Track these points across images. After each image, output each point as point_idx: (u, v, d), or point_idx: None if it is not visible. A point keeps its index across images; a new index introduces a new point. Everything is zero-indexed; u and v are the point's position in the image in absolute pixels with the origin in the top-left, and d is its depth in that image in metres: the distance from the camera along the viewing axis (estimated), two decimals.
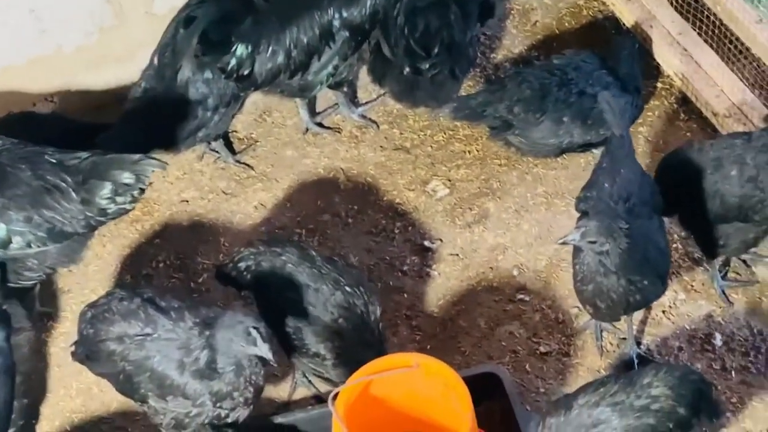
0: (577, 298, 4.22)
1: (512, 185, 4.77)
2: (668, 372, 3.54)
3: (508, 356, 4.20)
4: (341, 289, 3.81)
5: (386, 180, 4.83)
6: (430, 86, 4.81)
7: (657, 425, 3.44)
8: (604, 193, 3.89)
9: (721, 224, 4.05)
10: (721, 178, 3.98)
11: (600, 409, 3.44)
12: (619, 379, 3.53)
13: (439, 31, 4.66)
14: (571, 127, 4.62)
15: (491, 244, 4.58)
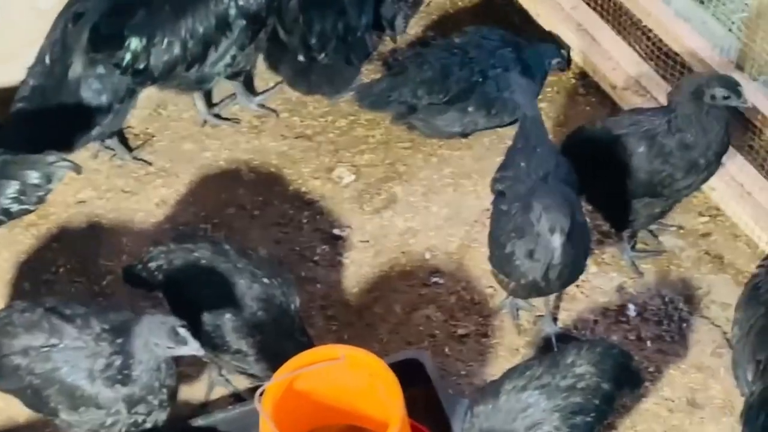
0: (491, 277, 4.24)
1: (418, 168, 4.74)
2: (590, 349, 3.57)
3: (426, 341, 4.17)
4: (258, 282, 3.72)
5: (290, 169, 4.74)
6: (325, 73, 4.75)
7: (584, 403, 3.46)
8: (521, 173, 3.87)
9: (629, 200, 4.07)
10: (628, 155, 3.99)
11: (528, 393, 3.44)
12: (543, 361, 3.55)
13: (334, 20, 4.60)
14: (476, 116, 4.61)
15: (401, 229, 4.53)
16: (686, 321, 4.17)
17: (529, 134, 4.01)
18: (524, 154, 3.94)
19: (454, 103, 4.56)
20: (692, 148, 3.89)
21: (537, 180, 3.78)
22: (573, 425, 3.44)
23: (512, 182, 3.89)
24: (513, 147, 4.08)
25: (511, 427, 3.42)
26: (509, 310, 4.24)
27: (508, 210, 3.78)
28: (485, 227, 4.43)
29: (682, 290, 4.27)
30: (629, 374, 3.70)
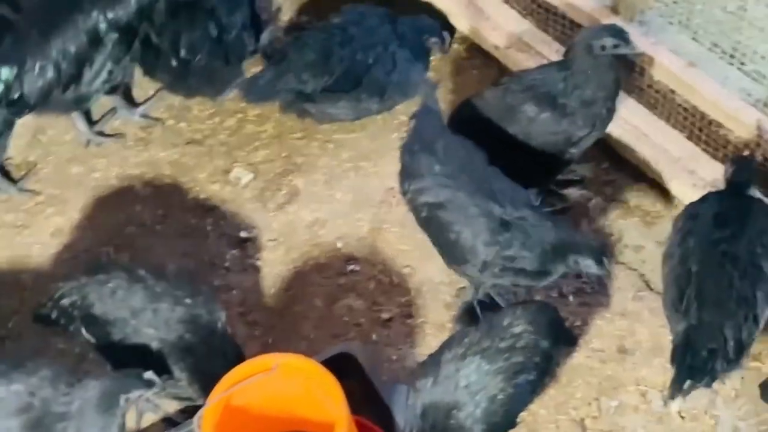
0: (407, 257, 4.23)
1: (316, 157, 4.65)
2: (524, 309, 3.60)
3: (352, 331, 4.11)
4: (181, 304, 3.60)
5: (185, 177, 4.61)
6: (203, 75, 4.63)
7: (525, 361, 3.48)
8: (442, 177, 3.80)
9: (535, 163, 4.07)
10: (530, 122, 3.98)
11: (468, 359, 3.44)
12: (480, 326, 3.55)
13: (204, 22, 4.48)
14: (369, 103, 4.56)
15: (309, 221, 4.45)
16: None
17: (422, 130, 3.94)
18: (429, 154, 3.85)
19: (341, 86, 4.48)
20: (593, 103, 3.91)
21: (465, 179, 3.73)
22: (516, 385, 3.46)
23: (438, 190, 3.80)
24: (410, 151, 3.95)
25: (455, 396, 3.42)
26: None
27: (457, 231, 3.74)
28: (392, 207, 4.45)
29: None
30: (564, 331, 3.75)
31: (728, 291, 3.56)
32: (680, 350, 3.55)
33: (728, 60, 4.54)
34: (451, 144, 3.85)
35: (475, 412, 3.41)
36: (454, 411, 3.41)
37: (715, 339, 3.49)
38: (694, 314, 3.54)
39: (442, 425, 3.42)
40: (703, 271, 3.61)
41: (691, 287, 3.58)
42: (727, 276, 3.59)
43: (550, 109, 3.95)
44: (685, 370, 3.52)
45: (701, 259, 3.63)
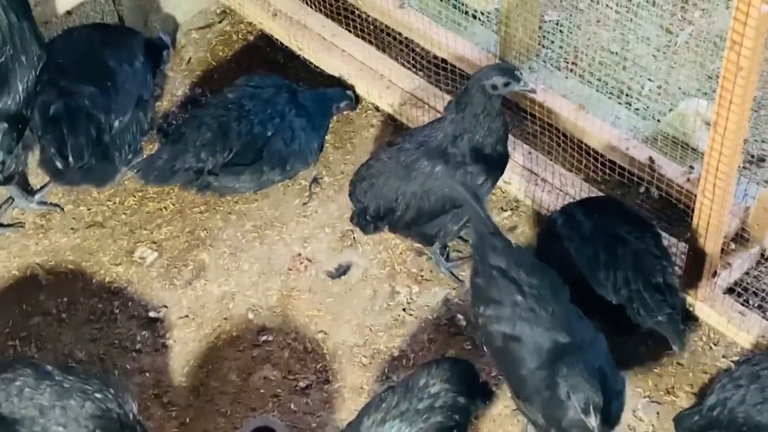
0: (319, 322, 4.22)
1: (219, 229, 4.62)
2: (439, 367, 3.60)
3: (270, 402, 4.07)
4: (90, 399, 3.52)
5: (89, 261, 4.54)
6: (82, 173, 4.52)
7: (444, 421, 3.50)
8: (522, 307, 3.56)
9: (436, 217, 4.10)
10: (426, 177, 4.01)
11: (388, 424, 3.45)
12: (397, 389, 3.55)
13: (86, 127, 4.40)
14: (272, 174, 4.56)
15: (218, 295, 4.41)
16: None
17: (494, 244, 3.71)
18: (510, 281, 3.60)
19: (242, 160, 4.47)
20: (484, 147, 3.95)
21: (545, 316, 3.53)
22: None
23: (515, 322, 3.55)
24: (485, 273, 3.69)
25: None
26: (445, 272, 4.36)
27: (531, 368, 3.48)
28: (300, 273, 4.44)
29: None
30: (480, 386, 3.76)
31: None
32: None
33: (616, 100, 4.66)
34: (533, 271, 3.64)
35: None
36: None
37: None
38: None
39: None
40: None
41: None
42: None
43: (442, 162, 3.99)
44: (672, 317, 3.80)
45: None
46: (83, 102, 4.39)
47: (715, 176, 3.61)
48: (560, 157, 4.56)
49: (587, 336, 3.50)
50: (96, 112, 4.41)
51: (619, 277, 3.82)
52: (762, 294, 4.17)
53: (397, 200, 4.09)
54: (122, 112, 4.51)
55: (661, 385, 4.00)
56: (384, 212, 4.16)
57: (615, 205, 4.22)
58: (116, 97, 4.48)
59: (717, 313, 4.08)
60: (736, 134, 3.45)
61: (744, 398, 3.43)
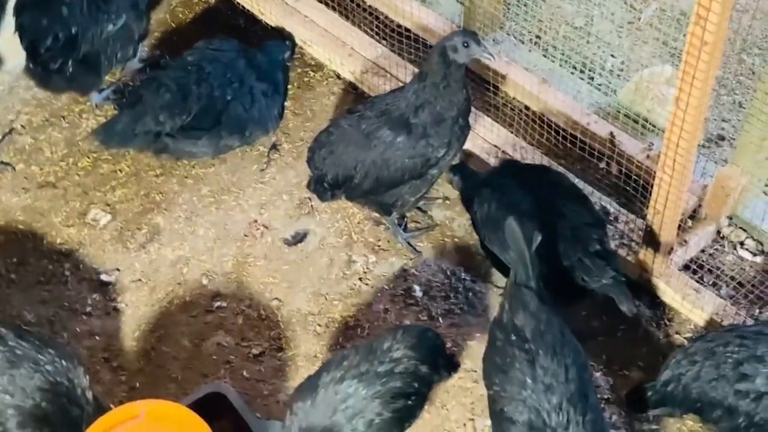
0: (274, 289, 4.18)
1: (175, 193, 4.55)
2: (406, 333, 3.57)
3: (222, 369, 4.02)
4: (41, 371, 3.42)
5: (40, 222, 4.45)
6: (66, 76, 4.55)
7: (403, 387, 3.47)
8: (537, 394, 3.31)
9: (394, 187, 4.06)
10: (387, 147, 3.96)
11: (346, 383, 3.41)
12: (360, 349, 3.51)
13: (48, 28, 4.40)
14: (230, 140, 4.51)
15: (171, 259, 4.35)
16: (471, 290, 4.22)
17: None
18: (525, 354, 3.35)
19: (200, 124, 4.40)
20: (445, 119, 3.91)
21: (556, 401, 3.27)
22: (395, 410, 3.44)
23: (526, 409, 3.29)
24: (503, 339, 3.46)
25: (332, 420, 3.38)
26: (402, 243, 4.32)
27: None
28: (257, 240, 4.39)
29: (461, 260, 4.32)
30: (445, 357, 3.74)
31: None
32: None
33: (579, 75, 4.65)
34: (555, 352, 3.35)
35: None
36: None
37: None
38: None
39: None
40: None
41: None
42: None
43: (405, 132, 3.95)
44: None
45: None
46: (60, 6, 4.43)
47: (675, 152, 3.60)
48: (522, 131, 4.53)
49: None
50: (72, 17, 4.43)
51: (561, 248, 3.82)
52: (717, 272, 4.18)
53: (356, 168, 4.04)
54: (117, 17, 4.49)
55: (615, 359, 4.00)
56: (342, 180, 4.11)
57: (549, 174, 4.20)
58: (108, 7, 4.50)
59: (672, 289, 4.09)
60: (698, 110, 3.44)
61: (699, 374, 3.43)
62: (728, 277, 4.17)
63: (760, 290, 4.12)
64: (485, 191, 4.03)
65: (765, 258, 4.24)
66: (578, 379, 3.27)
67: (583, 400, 3.23)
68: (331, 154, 4.11)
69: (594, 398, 3.32)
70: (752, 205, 4.24)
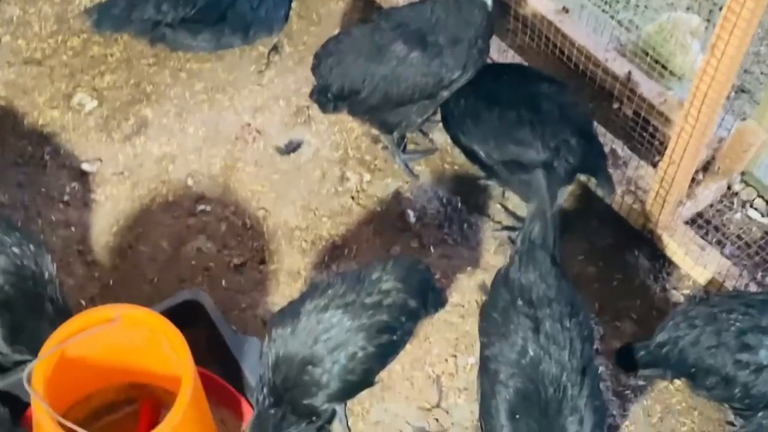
0: (261, 198, 3.99)
1: (167, 86, 4.32)
2: (396, 264, 3.39)
3: (200, 275, 3.85)
4: (6, 252, 3.24)
5: (22, 100, 4.22)
6: None
7: (390, 321, 3.30)
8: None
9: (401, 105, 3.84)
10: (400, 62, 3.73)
11: (330, 312, 3.24)
12: (346, 278, 3.34)
13: None
14: (232, 38, 4.28)
15: (157, 155, 4.14)
16: (467, 221, 4.04)
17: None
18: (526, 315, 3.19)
19: (203, 18, 4.15)
20: (461, 40, 3.68)
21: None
22: (379, 344, 3.28)
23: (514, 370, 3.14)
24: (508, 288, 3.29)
25: (312, 350, 3.22)
26: (400, 164, 4.16)
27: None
28: (248, 144, 4.20)
29: (459, 189, 4.13)
30: (434, 291, 3.55)
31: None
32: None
33: (602, 7, 4.43)
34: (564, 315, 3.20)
35: (332, 368, 3.22)
36: (309, 366, 3.21)
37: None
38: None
39: (295, 380, 3.22)
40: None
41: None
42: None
43: (420, 48, 3.72)
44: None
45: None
46: None
47: (702, 102, 3.40)
48: (534, 59, 4.33)
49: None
50: None
51: (547, 132, 3.69)
52: (722, 229, 4.04)
53: (364, 82, 3.82)
54: None
55: (608, 308, 3.86)
56: (348, 92, 3.88)
57: (526, 70, 4.08)
58: None
59: (675, 243, 3.93)
60: (734, 60, 3.25)
61: (698, 339, 3.29)
62: (734, 236, 4.02)
63: (765, 252, 3.98)
64: (461, 87, 3.83)
65: None
66: (581, 355, 3.12)
67: (582, 376, 3.08)
68: (339, 63, 3.88)
69: (594, 375, 3.16)
70: (767, 164, 4.08)
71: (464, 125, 3.85)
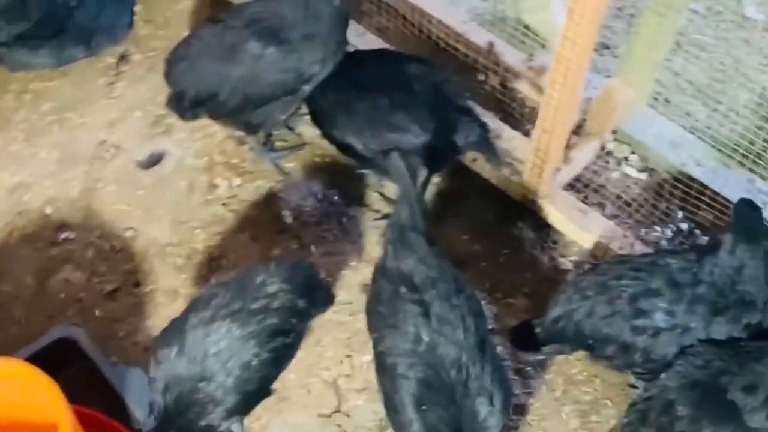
0: (127, 218, 3.80)
1: (11, 110, 4.07)
2: (279, 266, 3.26)
3: (71, 308, 3.63)
4: None
5: None
6: None
7: (280, 323, 3.17)
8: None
9: (261, 104, 3.68)
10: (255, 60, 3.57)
11: (217, 323, 3.08)
12: (229, 286, 3.18)
13: None
14: (74, 51, 4.05)
15: (10, 186, 3.90)
16: (345, 214, 3.91)
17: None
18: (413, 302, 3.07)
19: (41, 32, 3.91)
20: (316, 35, 3.54)
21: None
22: (273, 349, 3.15)
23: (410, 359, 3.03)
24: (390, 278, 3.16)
25: (203, 366, 3.06)
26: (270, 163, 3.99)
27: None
28: (106, 162, 4.00)
29: (333, 182, 3.99)
30: (321, 289, 3.44)
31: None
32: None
33: None
34: (450, 295, 3.10)
35: (226, 381, 3.07)
36: (202, 383, 3.06)
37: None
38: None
39: (188, 400, 3.06)
40: None
41: None
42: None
43: (275, 44, 3.55)
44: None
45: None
46: None
47: (566, 67, 3.33)
48: (394, 39, 4.21)
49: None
50: None
51: (423, 113, 3.57)
52: (602, 191, 3.99)
53: (221, 84, 3.63)
54: None
55: (498, 286, 3.78)
56: (205, 97, 3.69)
57: (390, 53, 3.96)
58: None
59: (557, 210, 3.87)
60: (594, 23, 3.18)
61: (592, 310, 3.22)
62: (614, 195, 3.98)
63: (646, 209, 3.95)
64: (326, 79, 3.67)
65: (649, 174, 4.06)
66: (476, 331, 3.02)
67: (481, 353, 2.99)
68: (191, 68, 3.69)
69: (493, 349, 3.08)
70: (637, 119, 4.04)
71: (336, 119, 3.70)
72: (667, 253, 3.34)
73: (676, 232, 3.90)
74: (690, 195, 3.84)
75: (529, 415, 3.52)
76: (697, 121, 4.03)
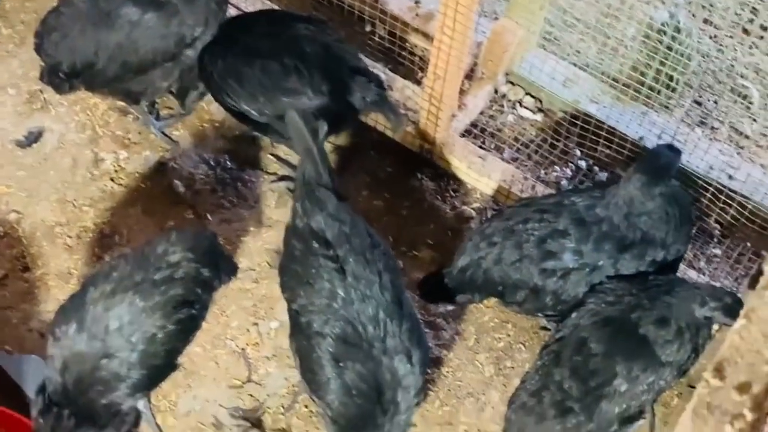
0: (10, 199, 3.60)
1: None
2: (180, 234, 3.15)
3: None
4: None
5: None
6: None
7: (185, 294, 3.07)
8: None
9: (141, 72, 3.54)
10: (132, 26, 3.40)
11: (119, 296, 2.97)
12: (129, 258, 3.07)
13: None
14: None
15: None
16: (240, 179, 3.79)
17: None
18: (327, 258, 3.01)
19: None
20: None
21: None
22: (178, 320, 3.05)
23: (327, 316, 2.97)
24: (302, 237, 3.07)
25: (105, 342, 2.94)
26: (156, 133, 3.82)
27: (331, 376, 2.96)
28: None
29: (224, 147, 3.87)
30: (224, 258, 3.33)
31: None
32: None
33: None
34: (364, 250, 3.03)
35: (130, 356, 2.97)
36: (104, 360, 2.94)
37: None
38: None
39: (90, 379, 2.94)
40: None
41: None
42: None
43: (153, 9, 3.41)
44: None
45: None
46: None
47: (455, 10, 3.26)
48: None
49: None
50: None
51: (315, 75, 3.46)
52: (499, 135, 3.94)
53: (97, 53, 3.46)
54: None
55: (402, 239, 3.71)
56: (81, 68, 3.51)
57: (278, 14, 3.84)
58: None
59: (455, 158, 3.81)
60: None
61: (500, 257, 3.17)
62: (511, 139, 3.94)
63: (544, 150, 3.92)
64: (214, 48, 3.56)
65: (544, 115, 4.02)
66: (392, 286, 2.96)
67: (398, 309, 2.93)
68: (64, 38, 3.50)
69: (409, 304, 3.02)
70: (529, 59, 3.99)
71: (227, 86, 3.54)
72: (572, 192, 3.32)
73: (576, 170, 3.89)
74: (587, 132, 3.82)
75: (444, 366, 3.48)
76: (588, 59, 4.00)
